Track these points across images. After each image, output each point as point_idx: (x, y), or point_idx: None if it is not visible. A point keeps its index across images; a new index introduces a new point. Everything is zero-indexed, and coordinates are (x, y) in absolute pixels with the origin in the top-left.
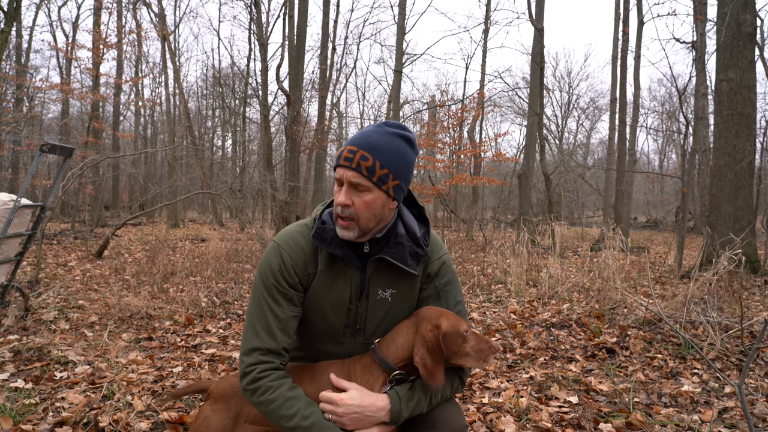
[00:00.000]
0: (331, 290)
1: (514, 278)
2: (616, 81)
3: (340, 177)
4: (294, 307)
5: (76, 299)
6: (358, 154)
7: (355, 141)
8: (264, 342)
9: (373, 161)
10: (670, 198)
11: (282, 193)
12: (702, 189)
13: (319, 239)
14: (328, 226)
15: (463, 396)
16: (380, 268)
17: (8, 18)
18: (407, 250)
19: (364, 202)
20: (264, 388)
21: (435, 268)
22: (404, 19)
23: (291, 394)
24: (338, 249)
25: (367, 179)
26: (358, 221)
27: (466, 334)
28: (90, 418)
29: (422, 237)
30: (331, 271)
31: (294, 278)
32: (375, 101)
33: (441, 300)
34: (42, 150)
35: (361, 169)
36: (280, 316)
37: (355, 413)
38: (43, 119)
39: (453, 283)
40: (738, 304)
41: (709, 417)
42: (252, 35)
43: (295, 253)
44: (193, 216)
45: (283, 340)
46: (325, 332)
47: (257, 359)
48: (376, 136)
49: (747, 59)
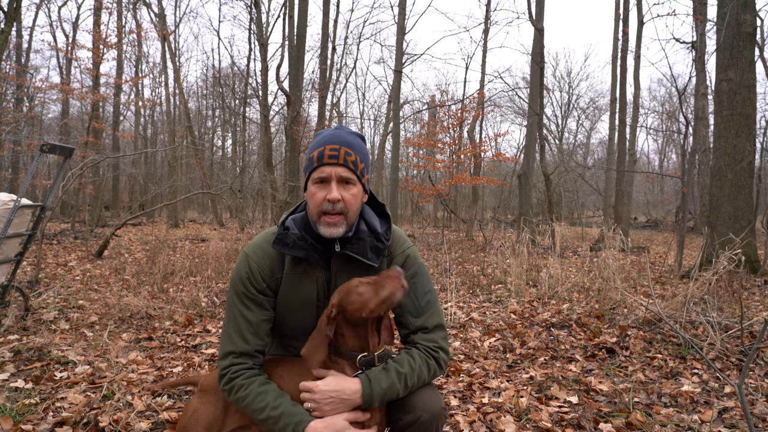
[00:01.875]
0: (299, 291)
1: (514, 278)
2: (616, 81)
3: (328, 174)
4: (264, 311)
5: (76, 299)
6: (342, 150)
7: (332, 140)
8: (237, 346)
9: (355, 156)
10: (670, 198)
11: (282, 193)
12: (702, 189)
13: (281, 244)
14: (291, 231)
15: (463, 396)
16: (345, 264)
17: (8, 18)
18: (368, 245)
19: (353, 195)
20: (237, 386)
21: (399, 262)
22: (404, 19)
23: (261, 389)
24: (300, 251)
25: (353, 173)
26: (347, 215)
27: (359, 288)
28: (90, 418)
29: (383, 232)
30: (296, 273)
31: (262, 284)
32: (375, 101)
33: (410, 292)
34: (42, 150)
35: (348, 164)
36: (252, 321)
37: (331, 398)
38: (43, 119)
39: (420, 275)
40: (738, 304)
41: (709, 417)
42: (252, 35)
43: (261, 261)
44: (193, 216)
45: (256, 342)
46: (298, 330)
47: (231, 362)
48: (345, 135)
49: (747, 59)
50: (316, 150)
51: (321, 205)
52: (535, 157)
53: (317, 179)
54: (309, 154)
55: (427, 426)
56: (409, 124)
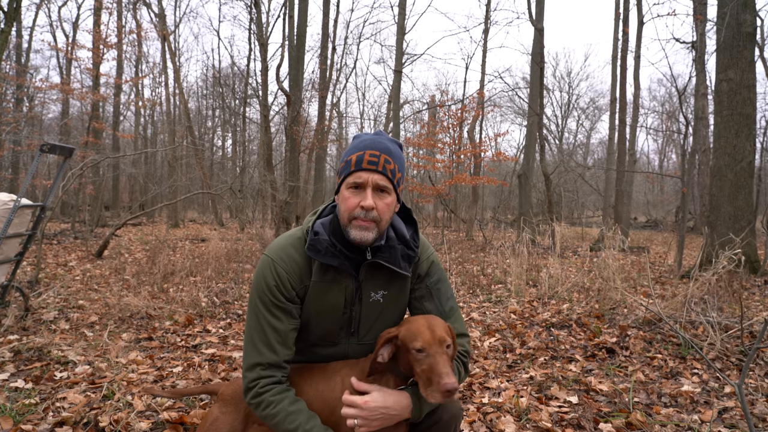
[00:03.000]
0: (326, 298)
1: (514, 278)
2: (616, 81)
3: (365, 181)
4: (292, 319)
5: (76, 299)
6: (381, 158)
7: (373, 146)
8: (265, 357)
9: (394, 165)
10: (670, 198)
11: (282, 193)
12: (702, 189)
13: (314, 251)
14: (321, 237)
15: (463, 396)
16: (374, 271)
17: (8, 18)
18: (399, 253)
19: (386, 204)
20: (266, 402)
21: (425, 268)
22: (404, 19)
23: (292, 409)
24: (333, 259)
25: (390, 182)
26: (380, 224)
27: (418, 354)
28: (90, 418)
29: (411, 239)
30: (324, 281)
31: (291, 292)
32: (375, 101)
33: (434, 298)
34: (42, 150)
35: (386, 173)
36: (280, 330)
37: (381, 414)
38: (43, 119)
39: (443, 281)
40: (738, 304)
41: (709, 417)
42: (252, 35)
43: (290, 267)
44: (193, 216)
45: (284, 353)
46: (321, 336)
47: (259, 374)
48: (386, 142)
49: (747, 59)
50: (354, 154)
51: (353, 210)
52: (535, 157)
53: (352, 184)
54: (346, 157)
55: (447, 426)
56: (409, 124)
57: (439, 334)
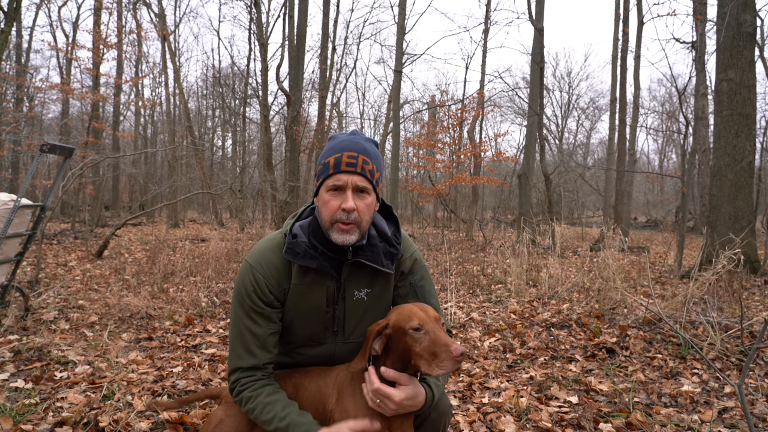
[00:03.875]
0: (307, 300)
1: (514, 278)
2: (616, 81)
3: (344, 183)
4: (272, 323)
5: (76, 299)
6: (359, 159)
7: (350, 147)
8: (244, 361)
9: (372, 165)
10: (670, 198)
11: (282, 193)
12: (702, 189)
13: (292, 254)
14: (299, 239)
15: (463, 396)
16: (355, 270)
17: (8, 18)
18: (381, 251)
19: (367, 204)
20: (245, 398)
21: (408, 266)
22: (404, 19)
23: (268, 400)
24: (312, 261)
25: (369, 182)
26: (360, 225)
27: (416, 333)
28: (90, 418)
29: (393, 236)
30: (304, 283)
31: (269, 296)
32: (375, 101)
33: (418, 296)
34: (42, 150)
35: (365, 173)
36: (258, 335)
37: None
38: (43, 119)
39: (426, 279)
40: (738, 304)
41: (709, 417)
42: (252, 35)
43: (268, 272)
44: (193, 216)
45: (264, 356)
46: (307, 337)
47: (238, 376)
48: (362, 142)
49: (747, 59)
50: (332, 156)
51: (335, 213)
52: (535, 157)
53: (332, 186)
54: (323, 159)
55: (435, 423)
56: (409, 124)
57: (432, 313)
